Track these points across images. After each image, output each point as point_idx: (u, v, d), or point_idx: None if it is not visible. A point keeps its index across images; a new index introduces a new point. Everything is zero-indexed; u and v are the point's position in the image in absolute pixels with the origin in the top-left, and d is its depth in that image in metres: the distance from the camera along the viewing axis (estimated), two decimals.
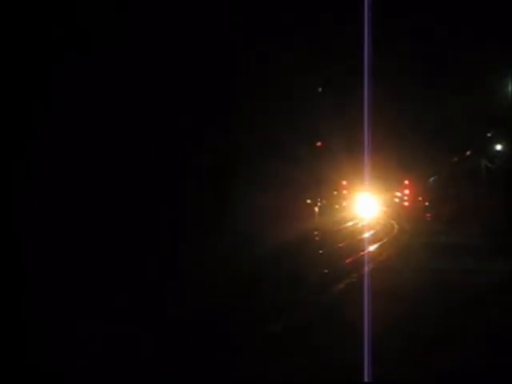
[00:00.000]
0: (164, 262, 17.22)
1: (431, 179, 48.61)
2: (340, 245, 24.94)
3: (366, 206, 48.07)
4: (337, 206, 54.47)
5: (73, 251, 14.52)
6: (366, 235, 30.48)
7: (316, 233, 27.85)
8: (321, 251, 22.70)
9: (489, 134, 36.44)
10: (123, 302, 12.31)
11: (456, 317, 11.32)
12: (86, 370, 8.48)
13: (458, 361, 8.96)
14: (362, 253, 21.70)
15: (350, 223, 39.45)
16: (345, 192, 54.49)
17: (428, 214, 43.71)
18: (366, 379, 7.88)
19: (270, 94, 29.12)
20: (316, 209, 44.94)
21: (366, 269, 17.04)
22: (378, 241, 26.88)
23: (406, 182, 50.74)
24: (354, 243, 25.78)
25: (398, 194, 53.06)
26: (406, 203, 50.23)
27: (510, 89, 33.77)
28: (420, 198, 48.89)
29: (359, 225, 38.22)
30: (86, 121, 14.91)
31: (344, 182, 53.46)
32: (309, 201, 42.91)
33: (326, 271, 17.32)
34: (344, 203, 54.72)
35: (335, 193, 54.97)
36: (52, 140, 13.51)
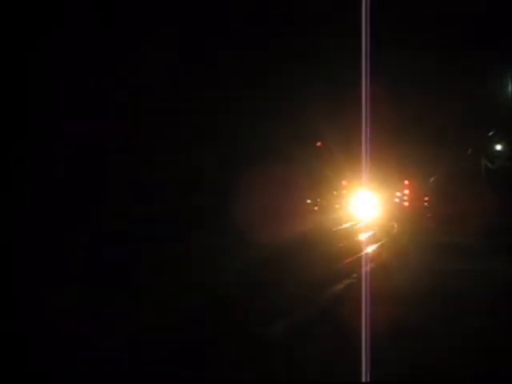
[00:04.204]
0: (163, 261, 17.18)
1: (431, 179, 48.50)
2: (340, 245, 24.87)
3: (366, 206, 47.89)
4: (336, 206, 54.38)
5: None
6: (366, 235, 30.39)
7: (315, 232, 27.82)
8: (320, 251, 22.64)
9: (489, 134, 36.37)
10: (114, 302, 12.29)
11: (466, 320, 11.21)
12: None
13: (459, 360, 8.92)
14: (362, 253, 21.66)
15: (349, 223, 39.32)
16: (344, 192, 54.37)
17: (428, 214, 43.55)
18: (364, 379, 7.86)
19: (269, 95, 29.04)
20: (315, 208, 44.90)
21: (366, 269, 17.00)
22: (378, 241, 26.81)
23: (406, 181, 50.56)
24: (354, 243, 25.69)
25: (398, 193, 52.87)
26: (406, 203, 50.06)
27: (510, 89, 33.73)
28: (420, 198, 48.75)
29: (359, 225, 38.09)
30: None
31: (344, 182, 53.37)
32: (309, 201, 42.87)
33: (325, 271, 17.31)
34: (344, 203, 54.56)
35: (335, 193, 54.88)
36: None
